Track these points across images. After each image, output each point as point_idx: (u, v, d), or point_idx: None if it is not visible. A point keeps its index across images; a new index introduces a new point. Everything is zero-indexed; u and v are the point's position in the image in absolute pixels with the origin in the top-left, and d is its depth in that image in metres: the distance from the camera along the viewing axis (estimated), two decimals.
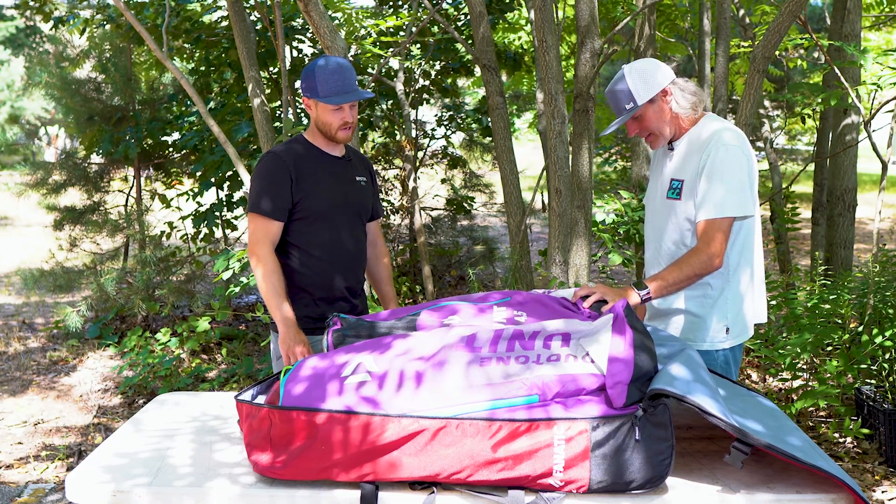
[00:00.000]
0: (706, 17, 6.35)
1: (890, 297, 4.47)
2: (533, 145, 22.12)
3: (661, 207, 2.85)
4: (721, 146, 2.64)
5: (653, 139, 2.80)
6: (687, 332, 2.76)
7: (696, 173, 2.68)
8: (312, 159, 2.86)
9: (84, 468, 2.14)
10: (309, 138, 2.91)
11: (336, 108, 2.80)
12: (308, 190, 2.80)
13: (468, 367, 2.05)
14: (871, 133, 4.94)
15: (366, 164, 3.09)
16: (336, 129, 2.83)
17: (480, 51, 5.17)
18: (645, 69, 2.73)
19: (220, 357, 6.13)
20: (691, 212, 2.70)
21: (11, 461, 4.43)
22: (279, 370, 2.62)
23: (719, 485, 2.01)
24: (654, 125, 2.75)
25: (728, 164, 2.63)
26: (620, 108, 2.74)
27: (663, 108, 2.74)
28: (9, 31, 23.47)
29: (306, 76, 2.81)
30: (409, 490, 2.01)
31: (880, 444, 4.08)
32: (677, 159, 2.80)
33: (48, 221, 7.45)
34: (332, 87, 2.77)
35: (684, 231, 2.74)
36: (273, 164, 2.80)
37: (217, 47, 7.00)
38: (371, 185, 3.06)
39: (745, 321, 2.75)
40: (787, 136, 18.11)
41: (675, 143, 2.82)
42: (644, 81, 2.71)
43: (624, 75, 2.72)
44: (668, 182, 2.81)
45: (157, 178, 8.02)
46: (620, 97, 2.73)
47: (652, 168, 3.05)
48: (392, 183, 8.22)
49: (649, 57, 4.86)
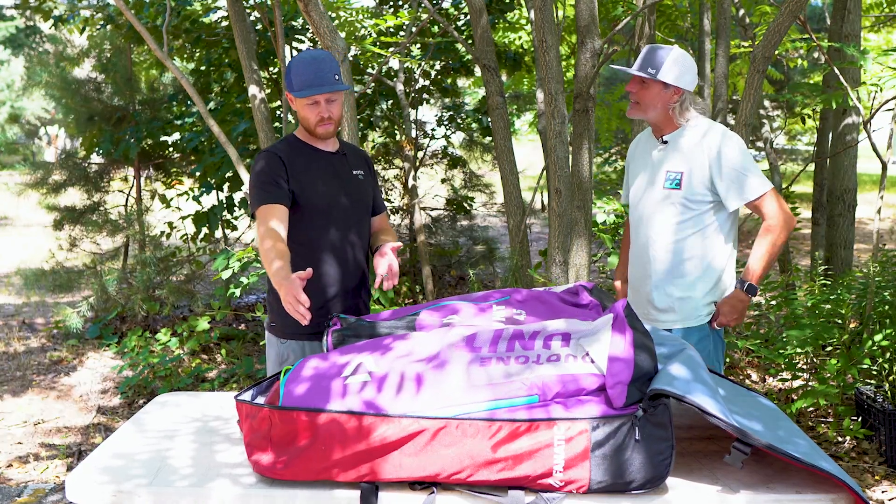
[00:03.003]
0: (706, 17, 6.35)
1: (890, 297, 4.46)
2: (533, 145, 22.11)
3: (655, 197, 3.03)
4: (727, 138, 2.92)
5: (636, 109, 3.02)
6: (680, 312, 3.00)
7: (704, 165, 2.91)
8: (305, 155, 2.78)
9: (84, 468, 2.14)
10: (300, 136, 2.83)
11: (311, 103, 2.69)
12: (304, 184, 2.72)
13: (469, 367, 2.05)
14: (871, 133, 4.94)
15: (363, 157, 2.98)
16: (314, 125, 2.73)
17: (480, 51, 5.17)
18: (686, 64, 2.95)
19: (220, 357, 6.13)
20: (696, 198, 2.92)
21: (11, 461, 4.43)
22: (277, 371, 2.62)
23: (719, 485, 2.01)
24: (649, 101, 2.98)
25: (743, 150, 2.92)
26: (644, 66, 2.95)
27: (666, 98, 2.96)
28: (9, 31, 23.47)
29: (287, 71, 2.72)
30: (409, 490, 2.01)
31: (880, 444, 4.08)
32: (673, 152, 3.00)
33: (48, 221, 7.44)
34: (304, 79, 2.66)
35: (686, 220, 2.96)
36: (267, 160, 2.71)
37: (217, 47, 7.00)
38: (370, 178, 2.96)
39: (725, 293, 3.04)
40: (787, 136, 18.11)
41: (666, 136, 3.02)
42: (678, 68, 2.93)
43: (670, 51, 2.94)
44: (663, 174, 3.00)
45: (157, 178, 8.01)
46: (653, 60, 2.95)
47: (634, 163, 3.23)
48: (392, 183, 8.22)
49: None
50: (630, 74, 3.00)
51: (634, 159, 3.22)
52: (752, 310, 5.27)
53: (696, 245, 2.97)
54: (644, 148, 3.16)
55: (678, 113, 2.98)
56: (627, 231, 3.33)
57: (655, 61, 2.93)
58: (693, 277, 2.98)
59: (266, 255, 2.52)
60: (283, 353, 2.82)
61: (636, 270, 3.15)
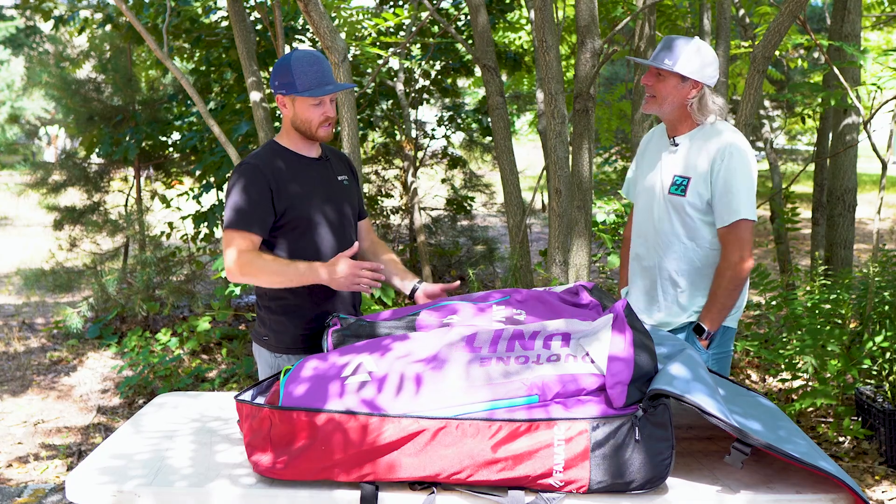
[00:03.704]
0: (706, 18, 6.34)
1: (890, 297, 4.46)
2: (533, 145, 22.11)
3: (660, 201, 2.90)
4: (740, 154, 2.76)
5: (652, 103, 2.85)
6: (683, 302, 2.90)
7: (707, 175, 2.77)
8: (290, 166, 2.65)
9: (84, 468, 2.14)
10: (283, 142, 2.70)
11: (317, 103, 2.60)
12: (290, 199, 2.61)
13: (468, 367, 2.05)
14: (870, 133, 4.94)
15: (345, 162, 2.89)
16: (317, 126, 2.63)
17: (480, 51, 5.17)
18: (707, 56, 2.78)
19: (220, 357, 6.13)
20: (699, 207, 2.80)
21: (11, 461, 4.43)
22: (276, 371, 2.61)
23: (719, 485, 2.01)
24: (665, 94, 2.81)
25: (748, 171, 2.77)
26: (661, 58, 2.78)
27: (684, 92, 2.80)
28: (9, 31, 23.46)
29: (281, 72, 2.59)
30: (409, 490, 2.01)
31: (880, 444, 4.08)
32: (682, 156, 2.85)
33: (48, 221, 7.45)
34: (311, 79, 2.57)
35: (690, 226, 2.83)
36: (251, 176, 2.58)
37: (217, 47, 7.00)
38: (354, 183, 2.86)
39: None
40: (787, 136, 18.11)
41: (678, 138, 2.87)
42: (698, 60, 2.76)
43: (690, 42, 2.77)
44: (669, 178, 2.86)
45: (157, 178, 8.01)
46: (672, 51, 2.77)
47: (643, 159, 3.07)
48: (392, 183, 8.22)
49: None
50: (647, 66, 2.84)
51: (644, 156, 3.07)
52: (753, 310, 5.26)
53: (697, 255, 2.85)
54: (656, 145, 3.00)
55: (696, 110, 2.80)
56: (628, 232, 3.21)
57: (673, 52, 2.74)
58: (689, 286, 2.87)
59: (287, 278, 2.53)
60: (278, 366, 2.71)
61: (639, 275, 3.03)
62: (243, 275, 2.55)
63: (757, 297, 5.54)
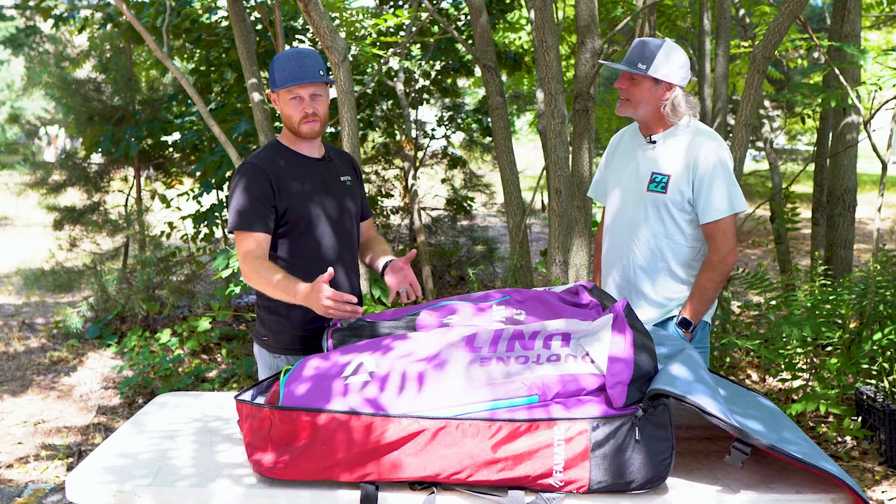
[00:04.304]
0: (706, 17, 6.35)
1: (890, 297, 4.46)
2: (533, 145, 22.11)
3: (636, 199, 2.92)
4: (716, 149, 2.81)
5: (626, 106, 2.89)
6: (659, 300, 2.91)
7: (686, 173, 2.81)
8: (292, 165, 2.65)
9: (84, 468, 2.14)
10: (284, 142, 2.71)
11: (294, 97, 2.58)
12: (292, 199, 2.60)
13: (469, 367, 2.05)
14: (870, 133, 4.94)
15: (349, 162, 2.87)
16: (298, 123, 2.61)
17: (480, 51, 5.17)
18: (679, 58, 2.83)
19: (220, 357, 6.13)
20: (679, 204, 2.83)
21: (11, 461, 4.43)
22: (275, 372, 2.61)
23: (719, 485, 2.01)
24: (639, 98, 2.85)
25: (726, 166, 2.82)
26: (634, 61, 2.82)
27: (658, 94, 2.84)
28: (9, 31, 23.45)
29: (269, 69, 2.60)
30: (410, 490, 2.01)
31: (880, 444, 4.08)
32: (659, 154, 2.88)
33: (48, 221, 7.45)
34: (287, 73, 2.56)
35: (669, 223, 2.85)
36: (252, 175, 2.59)
37: (217, 47, 7.00)
38: (357, 183, 2.84)
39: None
40: (787, 136, 18.10)
41: (654, 136, 2.90)
42: (669, 63, 2.80)
43: (661, 45, 2.81)
44: (647, 175, 2.88)
45: (157, 178, 8.01)
46: (643, 54, 2.81)
47: (614, 159, 3.08)
48: (392, 183, 8.22)
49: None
50: (619, 70, 2.88)
51: (615, 156, 3.07)
52: (752, 310, 5.27)
53: (675, 252, 2.86)
54: (629, 145, 3.01)
55: (670, 111, 2.84)
56: (600, 239, 3.17)
57: (645, 55, 2.79)
58: (666, 283, 2.89)
59: (259, 272, 2.50)
60: (277, 367, 2.71)
61: (613, 275, 3.03)
62: (248, 281, 2.58)
63: (757, 297, 5.54)
